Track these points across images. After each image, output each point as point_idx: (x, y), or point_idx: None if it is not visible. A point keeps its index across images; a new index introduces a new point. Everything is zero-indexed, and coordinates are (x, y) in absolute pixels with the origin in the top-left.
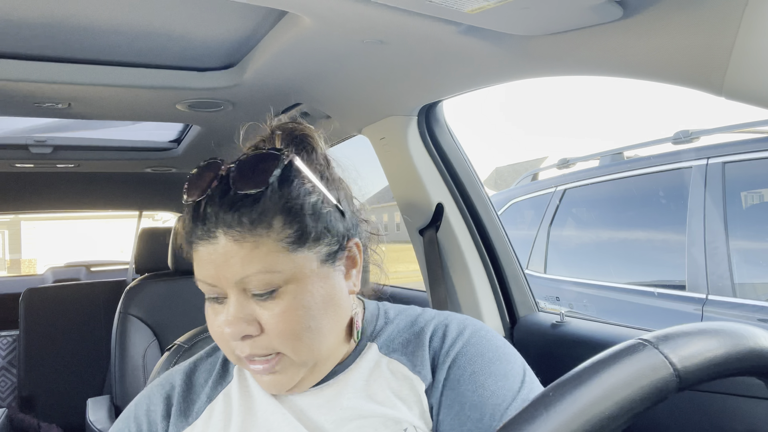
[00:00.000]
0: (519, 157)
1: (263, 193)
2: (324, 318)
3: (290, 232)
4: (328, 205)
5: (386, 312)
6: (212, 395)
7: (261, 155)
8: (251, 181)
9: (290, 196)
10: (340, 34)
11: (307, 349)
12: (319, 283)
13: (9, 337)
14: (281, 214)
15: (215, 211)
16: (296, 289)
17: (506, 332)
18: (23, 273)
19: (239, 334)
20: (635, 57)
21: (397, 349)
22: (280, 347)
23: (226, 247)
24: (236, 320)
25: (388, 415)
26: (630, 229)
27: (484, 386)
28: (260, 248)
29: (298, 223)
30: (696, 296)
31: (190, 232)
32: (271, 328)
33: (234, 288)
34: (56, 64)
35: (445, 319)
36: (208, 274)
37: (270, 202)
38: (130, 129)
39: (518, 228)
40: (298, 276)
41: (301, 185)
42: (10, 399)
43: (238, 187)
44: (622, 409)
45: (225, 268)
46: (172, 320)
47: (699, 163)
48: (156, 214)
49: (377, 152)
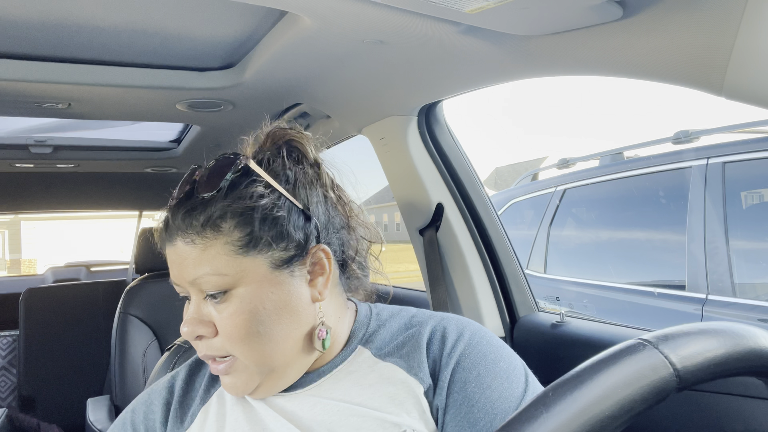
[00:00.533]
0: (519, 157)
1: (215, 197)
2: (276, 324)
3: (240, 235)
4: (284, 209)
5: (378, 314)
6: (205, 398)
7: (222, 160)
8: (208, 185)
9: (237, 199)
10: (340, 34)
11: (256, 354)
12: (270, 289)
13: (9, 337)
14: (230, 218)
15: (174, 216)
16: (245, 293)
17: (506, 332)
18: (23, 273)
19: (193, 334)
20: (635, 57)
21: (391, 352)
22: (230, 350)
23: (181, 249)
24: (191, 320)
25: (384, 418)
26: (630, 229)
27: (491, 387)
28: (209, 250)
29: (249, 226)
30: (696, 296)
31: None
32: (222, 330)
33: (192, 288)
34: (56, 64)
35: (441, 321)
36: (173, 274)
37: (218, 205)
38: (130, 129)
39: (518, 228)
40: (247, 280)
41: (253, 189)
42: (10, 399)
43: (199, 191)
44: (622, 409)
45: (182, 268)
46: (172, 320)
47: (699, 163)
48: (156, 214)
49: (377, 152)
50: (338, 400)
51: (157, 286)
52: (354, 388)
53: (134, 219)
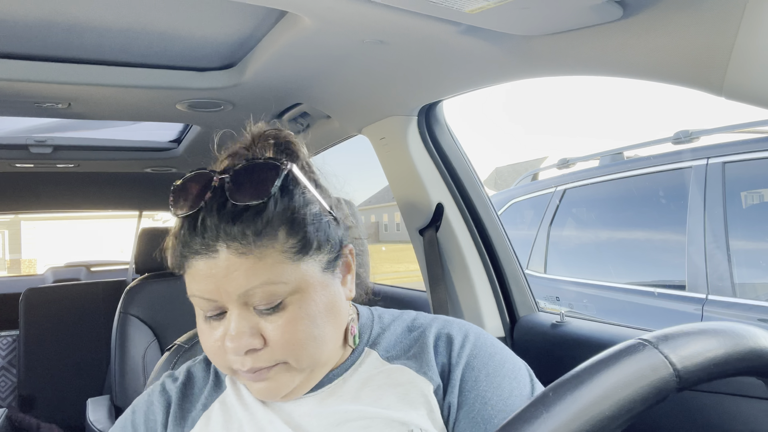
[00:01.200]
0: (519, 157)
1: (266, 204)
2: (326, 325)
3: (294, 242)
4: (325, 213)
5: (380, 317)
6: (207, 403)
7: (258, 165)
8: (251, 191)
9: (294, 207)
10: (340, 34)
11: (309, 357)
12: (322, 292)
13: (9, 337)
14: (285, 225)
15: (215, 224)
16: (300, 299)
17: (506, 332)
18: (23, 273)
19: (243, 348)
20: (635, 57)
21: (399, 355)
22: (283, 357)
23: (227, 261)
24: (240, 335)
25: (393, 417)
26: (630, 229)
27: (501, 387)
28: (265, 260)
29: (302, 232)
30: (696, 296)
31: (186, 246)
32: (276, 339)
33: (236, 302)
34: (56, 64)
35: (444, 324)
36: (207, 289)
37: (274, 213)
38: (130, 129)
39: (518, 228)
40: (302, 286)
41: (302, 195)
42: (10, 399)
43: (237, 198)
44: (622, 409)
45: (226, 282)
46: (172, 320)
47: (699, 163)
48: (156, 214)
49: (377, 152)
50: (347, 403)
51: (157, 286)
52: (363, 390)
53: (134, 219)
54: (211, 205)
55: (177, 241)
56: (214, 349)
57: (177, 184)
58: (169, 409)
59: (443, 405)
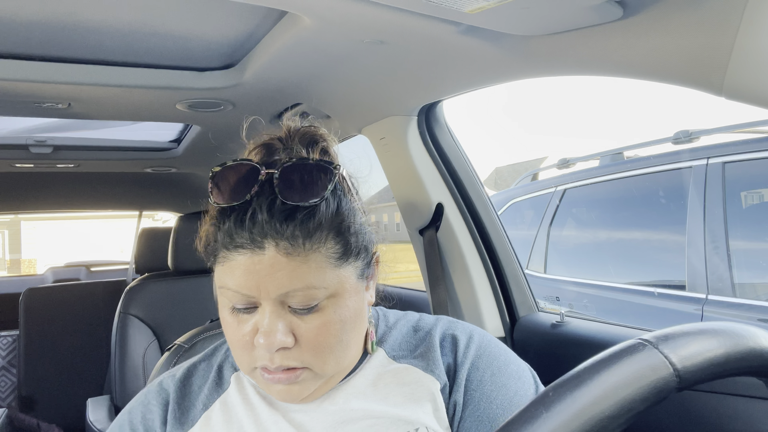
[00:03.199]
0: (519, 157)
1: (318, 207)
2: (353, 331)
3: (338, 247)
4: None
5: (386, 316)
6: (208, 403)
7: (309, 165)
8: (302, 192)
9: (343, 214)
10: (340, 34)
11: (335, 362)
12: (354, 297)
13: (9, 337)
14: (333, 230)
15: (265, 220)
16: (335, 303)
17: (506, 332)
18: (23, 273)
19: (276, 345)
20: (635, 57)
21: (405, 354)
22: (310, 360)
23: (273, 259)
24: (273, 332)
25: (399, 415)
26: (630, 229)
27: (506, 386)
28: (309, 263)
29: (346, 239)
30: (696, 296)
31: (229, 238)
32: (307, 340)
33: (273, 300)
34: (56, 64)
35: (449, 324)
36: (246, 285)
37: (325, 217)
38: (130, 129)
39: (518, 228)
40: (339, 290)
41: (350, 202)
42: (10, 399)
43: (287, 196)
44: (622, 409)
45: (269, 280)
46: (172, 320)
47: (699, 163)
48: (156, 214)
49: (377, 152)
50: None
51: (158, 286)
52: (369, 389)
53: (134, 219)
54: (260, 201)
55: (219, 232)
56: (241, 344)
57: (216, 170)
58: (167, 407)
59: (449, 404)
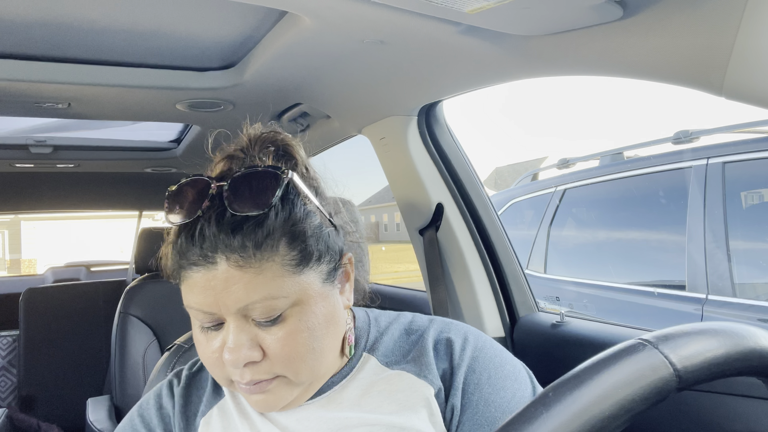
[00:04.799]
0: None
1: (266, 215)
2: (326, 337)
3: (294, 254)
4: (326, 223)
5: (377, 320)
6: (205, 409)
7: (257, 173)
8: (251, 201)
9: (295, 219)
10: (340, 34)
11: (308, 370)
12: (322, 303)
13: (9, 337)
14: (286, 237)
15: (213, 234)
16: (300, 311)
17: (506, 332)
18: (23, 273)
19: (242, 361)
20: (635, 57)
21: (398, 360)
22: (281, 371)
23: (227, 273)
24: (238, 347)
25: (393, 422)
26: (630, 229)
27: (504, 388)
28: (264, 273)
29: (302, 244)
30: (696, 296)
31: (182, 256)
32: (275, 352)
33: (234, 315)
34: (56, 64)
35: (443, 326)
36: (205, 302)
37: (275, 224)
38: (130, 129)
39: (518, 228)
40: (302, 298)
41: (303, 206)
42: (10, 399)
43: (236, 208)
44: (622, 409)
45: (225, 295)
46: (172, 320)
47: (699, 163)
48: (156, 214)
49: (377, 152)
50: (347, 410)
51: (157, 286)
52: (363, 397)
53: (134, 219)
54: (209, 215)
55: (174, 251)
56: (212, 361)
57: (172, 190)
58: (174, 411)
59: (446, 408)
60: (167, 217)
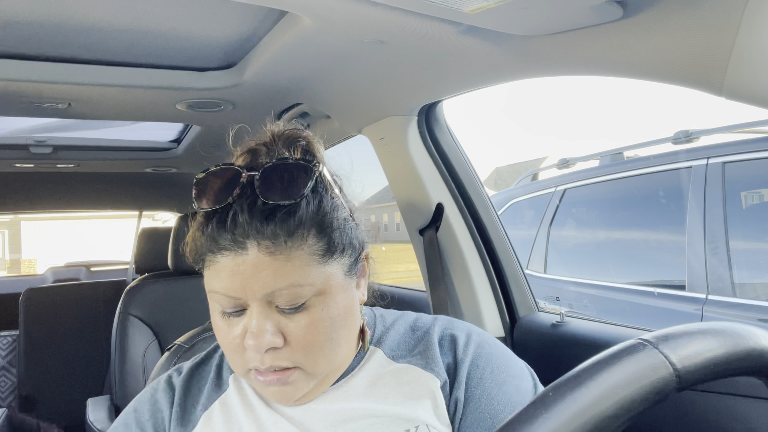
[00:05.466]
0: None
1: (298, 205)
2: (343, 329)
3: (321, 244)
4: (350, 218)
5: (383, 316)
6: (207, 404)
7: (287, 164)
8: (282, 191)
9: (324, 211)
10: (340, 34)
11: (326, 360)
12: (343, 294)
13: (9, 337)
14: (315, 227)
15: (246, 221)
16: (323, 300)
17: (506, 332)
18: (23, 273)
19: (265, 346)
20: (635, 57)
21: (404, 354)
22: (300, 359)
23: (257, 259)
24: (262, 332)
25: (399, 414)
26: (630, 229)
27: (506, 383)
28: (293, 261)
29: (329, 235)
30: (696, 296)
31: (213, 241)
32: (297, 339)
33: (259, 300)
34: (56, 64)
35: (447, 323)
36: (232, 287)
37: (305, 215)
38: (130, 129)
39: (518, 228)
40: (326, 288)
41: (331, 199)
42: (10, 399)
43: (269, 197)
44: (622, 409)
45: (253, 281)
46: (172, 320)
47: (699, 163)
48: (156, 214)
49: (377, 152)
50: (353, 401)
51: (157, 286)
52: (369, 388)
53: (134, 219)
54: (241, 203)
55: (203, 236)
56: (233, 347)
57: (200, 177)
58: (173, 407)
59: (450, 401)
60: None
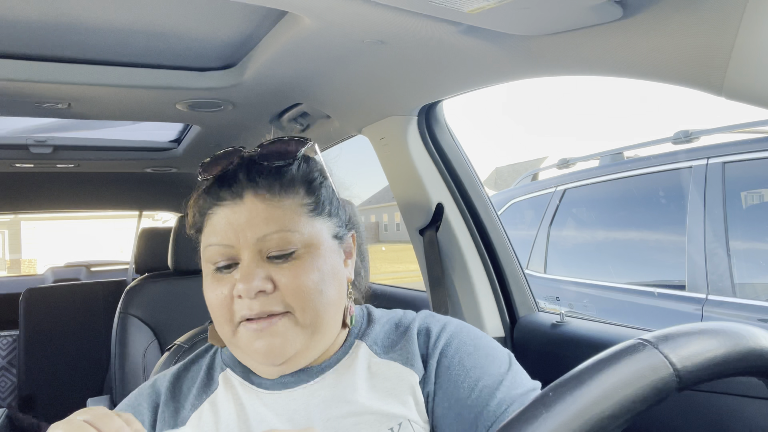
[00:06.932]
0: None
1: (291, 164)
2: (331, 287)
3: (310, 200)
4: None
5: (370, 313)
6: (197, 403)
7: (286, 139)
8: (280, 156)
9: (313, 176)
10: (340, 34)
11: (314, 310)
12: (330, 254)
13: (9, 337)
14: (305, 185)
15: (245, 177)
16: (311, 252)
17: (506, 332)
18: (23, 273)
19: (255, 290)
20: (635, 57)
21: (387, 350)
22: (290, 302)
23: (251, 206)
24: (252, 276)
25: (382, 411)
26: (630, 229)
27: (474, 367)
28: (284, 209)
29: (317, 195)
30: (696, 296)
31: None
32: (286, 284)
33: (251, 249)
34: (56, 64)
35: (425, 318)
36: (226, 236)
37: (297, 173)
38: (130, 129)
39: (518, 228)
40: (314, 242)
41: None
42: (10, 399)
43: (266, 160)
44: (622, 409)
45: (247, 227)
46: (172, 320)
47: (699, 163)
48: (156, 214)
49: (377, 152)
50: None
51: (157, 286)
52: (353, 384)
53: (134, 219)
54: (241, 165)
55: (206, 195)
56: (219, 301)
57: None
58: (157, 409)
59: (425, 395)
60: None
